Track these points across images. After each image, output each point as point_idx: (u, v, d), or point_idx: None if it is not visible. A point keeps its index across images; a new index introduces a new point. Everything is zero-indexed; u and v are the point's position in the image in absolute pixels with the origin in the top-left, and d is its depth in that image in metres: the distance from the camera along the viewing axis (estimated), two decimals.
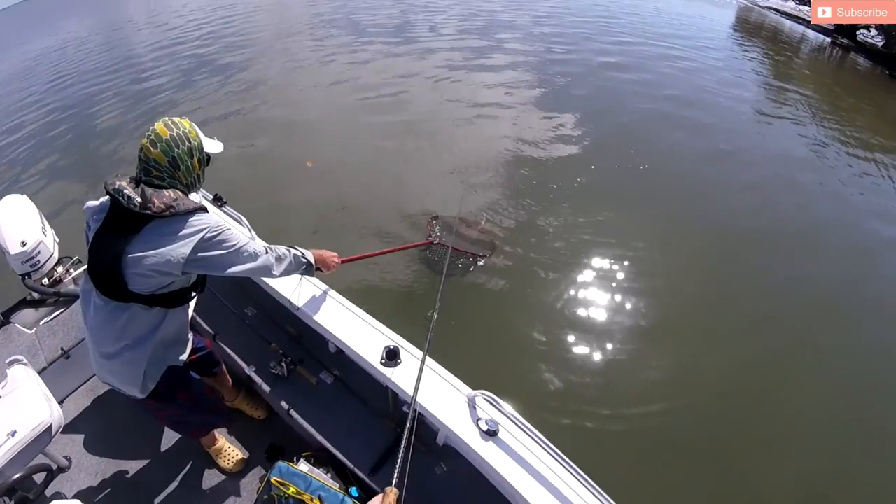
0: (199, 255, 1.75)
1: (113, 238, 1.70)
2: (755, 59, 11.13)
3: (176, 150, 1.77)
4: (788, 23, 16.95)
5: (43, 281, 3.16)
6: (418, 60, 10.93)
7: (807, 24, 16.12)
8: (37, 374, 2.58)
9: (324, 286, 2.54)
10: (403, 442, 1.55)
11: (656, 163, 6.53)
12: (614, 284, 4.77)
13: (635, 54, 10.78)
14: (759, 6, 19.81)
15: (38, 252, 3.07)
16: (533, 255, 5.04)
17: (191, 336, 2.15)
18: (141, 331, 1.88)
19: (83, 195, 6.82)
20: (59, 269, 3.24)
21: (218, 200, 2.98)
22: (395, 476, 1.44)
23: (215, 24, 18.06)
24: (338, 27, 15.00)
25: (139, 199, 1.66)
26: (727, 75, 9.99)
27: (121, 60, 15.07)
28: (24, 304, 3.32)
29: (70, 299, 3.23)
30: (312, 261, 2.18)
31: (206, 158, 1.92)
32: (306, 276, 2.45)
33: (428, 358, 2.11)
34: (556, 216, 5.55)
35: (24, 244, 3.01)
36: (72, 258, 3.36)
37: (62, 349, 3.03)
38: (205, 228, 1.75)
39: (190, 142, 1.81)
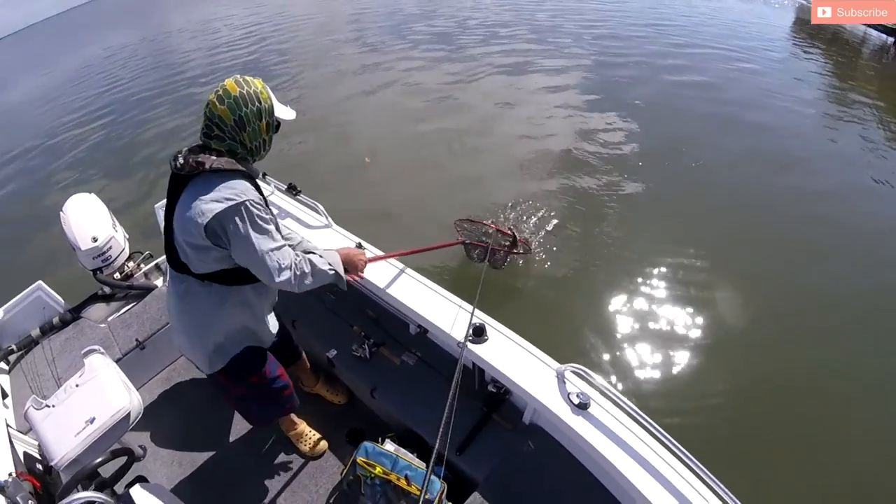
0: (218, 228, 1.61)
1: (169, 206, 1.73)
2: (816, 60, 10.52)
3: (244, 109, 1.65)
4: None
5: (115, 276, 3.22)
6: (472, 68, 10.76)
7: (868, 24, 15.39)
8: (114, 363, 2.62)
9: (401, 265, 2.53)
10: (450, 398, 1.49)
11: (719, 171, 6.19)
12: (675, 283, 4.59)
13: (695, 57, 10.35)
14: None
15: (110, 247, 3.13)
16: (586, 253, 4.94)
17: (272, 320, 2.10)
18: (202, 307, 1.86)
19: (144, 195, 7.08)
20: (131, 263, 3.30)
21: (292, 189, 2.99)
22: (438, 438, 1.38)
23: (265, 33, 18.40)
24: (390, 35, 15.03)
25: (181, 162, 1.65)
26: (789, 78, 9.52)
27: (172, 68, 15.46)
28: (94, 299, 3.39)
29: (142, 293, 3.29)
30: (342, 272, 1.97)
31: (276, 125, 1.79)
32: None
33: (514, 334, 2.10)
34: (609, 221, 5.37)
35: (95, 240, 3.07)
36: (142, 253, 3.42)
37: (137, 340, 3.07)
38: (236, 201, 1.60)
39: (260, 103, 1.68)
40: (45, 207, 7.35)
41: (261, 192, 1.75)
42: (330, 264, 1.93)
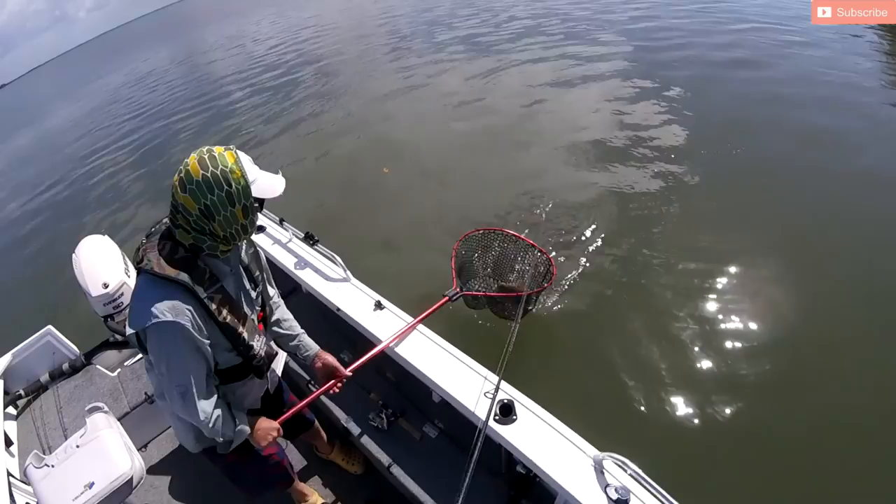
0: (143, 340, 1.47)
1: None
2: (876, 33, 10.01)
3: (209, 196, 1.38)
4: None
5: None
6: (509, 69, 10.49)
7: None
8: (118, 423, 2.50)
9: (427, 330, 2.35)
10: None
11: (789, 179, 5.45)
12: (734, 326, 3.92)
13: (750, 45, 9.58)
14: None
15: (121, 294, 3.01)
16: (634, 292, 4.35)
17: (239, 422, 1.76)
18: (155, 390, 1.71)
19: None
20: None
21: (310, 239, 2.86)
22: None
23: (293, 48, 18.69)
24: (421, 41, 15.01)
25: (142, 242, 1.52)
26: (845, 52, 8.98)
27: (200, 92, 15.76)
28: (106, 345, 3.30)
29: None
30: (231, 444, 1.76)
31: (258, 204, 1.50)
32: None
33: (546, 412, 1.90)
34: (657, 245, 4.75)
35: (106, 286, 2.96)
36: None
37: (146, 394, 2.96)
38: (159, 320, 1.39)
39: (230, 186, 1.39)
40: (65, 246, 7.32)
41: (204, 306, 1.51)
42: (229, 443, 1.74)
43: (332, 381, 2.04)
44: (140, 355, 3.20)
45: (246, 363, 1.70)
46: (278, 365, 2.02)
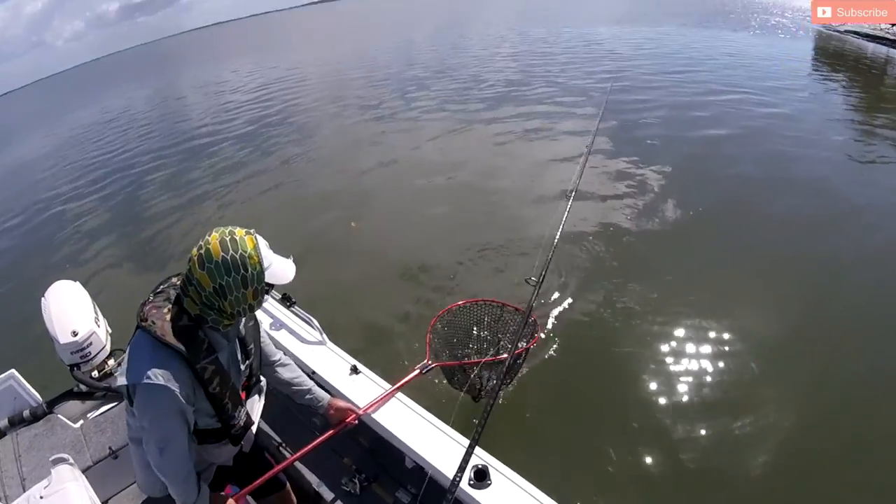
0: (131, 392, 1.55)
1: None
2: (843, 94, 10.54)
3: (226, 278, 1.48)
4: (871, 45, 15.28)
5: (93, 374, 3.05)
6: (486, 138, 10.59)
7: (891, 43, 14.57)
8: (83, 476, 2.43)
9: (403, 396, 2.38)
10: None
11: (766, 243, 5.64)
12: (714, 395, 3.93)
13: (720, 108, 10.02)
14: (836, 32, 17.51)
15: (90, 343, 2.99)
16: (609, 362, 4.35)
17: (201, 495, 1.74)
18: (130, 434, 1.77)
19: (136, 284, 6.70)
20: (111, 362, 3.14)
21: (287, 300, 2.88)
22: None
23: (270, 102, 18.74)
24: (400, 104, 15.14)
25: (149, 297, 1.63)
26: (819, 119, 9.28)
27: (171, 142, 15.58)
28: (70, 395, 3.21)
29: (120, 395, 3.11)
30: None
31: (268, 287, 1.61)
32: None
33: (520, 477, 1.93)
34: (638, 298, 4.89)
35: (75, 334, 2.93)
36: (124, 351, 3.26)
37: (110, 448, 2.88)
38: (151, 383, 1.46)
39: (247, 270, 1.49)
40: (32, 288, 6.90)
41: (197, 377, 1.57)
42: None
43: (344, 423, 2.16)
44: (104, 408, 3.14)
45: (224, 429, 1.74)
46: (254, 426, 2.02)
